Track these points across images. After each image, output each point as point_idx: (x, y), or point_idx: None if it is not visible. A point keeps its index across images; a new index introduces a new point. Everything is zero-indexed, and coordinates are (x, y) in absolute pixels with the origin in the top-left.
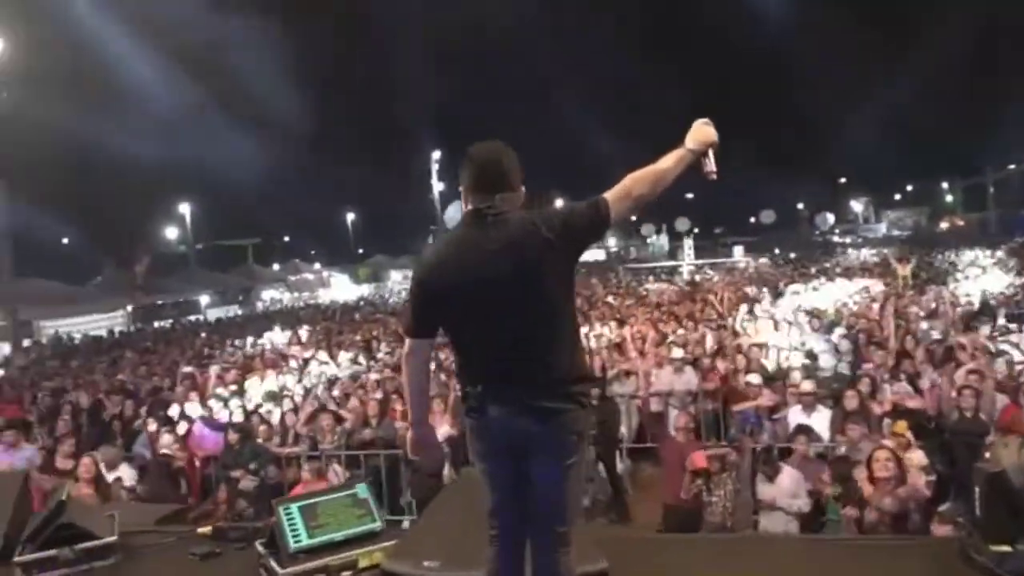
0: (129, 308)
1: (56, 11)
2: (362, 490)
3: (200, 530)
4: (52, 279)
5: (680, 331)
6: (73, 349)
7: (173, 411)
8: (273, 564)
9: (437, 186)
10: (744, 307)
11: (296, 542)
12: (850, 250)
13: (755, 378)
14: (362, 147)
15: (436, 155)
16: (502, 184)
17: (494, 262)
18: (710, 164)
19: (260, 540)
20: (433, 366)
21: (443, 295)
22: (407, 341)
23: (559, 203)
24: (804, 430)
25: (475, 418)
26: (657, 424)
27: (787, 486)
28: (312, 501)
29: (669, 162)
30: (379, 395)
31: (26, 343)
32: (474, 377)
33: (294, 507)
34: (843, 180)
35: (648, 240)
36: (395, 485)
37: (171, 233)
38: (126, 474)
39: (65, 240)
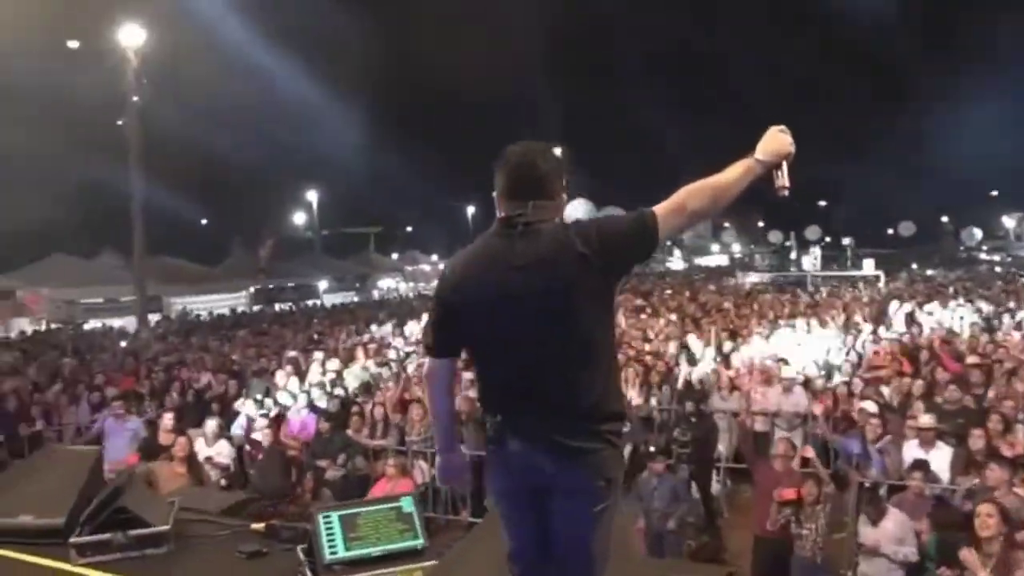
0: (252, 289)
1: (192, 3)
2: (407, 504)
3: (254, 526)
4: (188, 258)
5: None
6: (196, 326)
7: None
8: (308, 573)
9: None
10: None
11: (332, 553)
12: (998, 268)
13: (871, 406)
14: (484, 141)
15: (556, 151)
16: (537, 190)
17: (519, 279)
18: (782, 178)
19: (302, 546)
20: None
21: (462, 314)
22: (427, 360)
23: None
24: (921, 465)
25: (493, 451)
26: (759, 445)
27: (892, 531)
28: (354, 511)
29: (734, 174)
30: (472, 392)
31: (156, 318)
32: (494, 405)
33: (334, 516)
34: (994, 193)
35: (772, 247)
36: (481, 486)
37: (299, 219)
38: (224, 451)
39: (204, 221)
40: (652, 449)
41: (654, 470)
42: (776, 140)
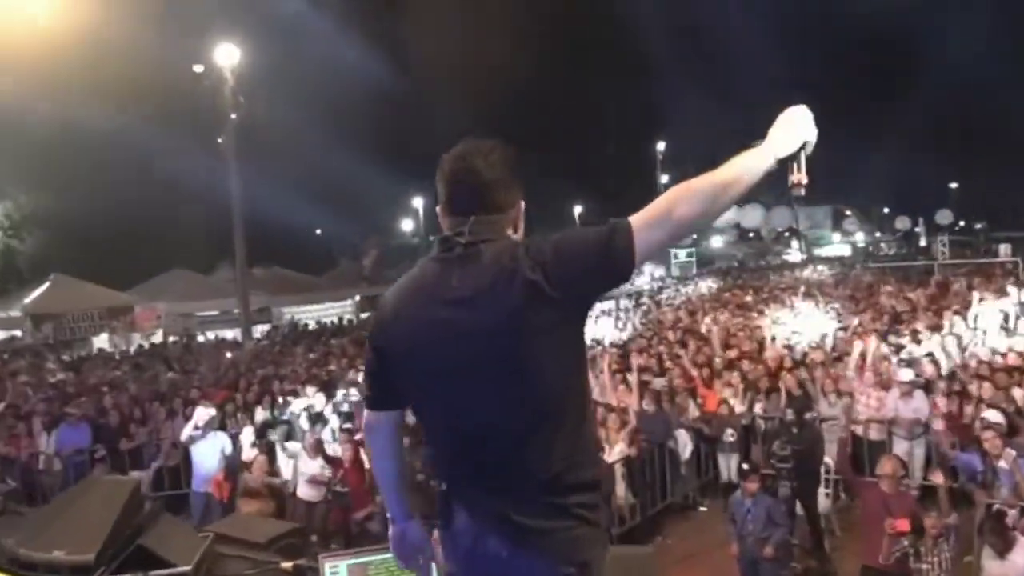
0: (357, 297)
1: (289, 19)
2: None
3: (284, 564)
4: (302, 269)
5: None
6: (302, 335)
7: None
8: None
9: (663, 179)
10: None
11: None
12: None
13: (995, 416)
14: (588, 139)
15: (660, 147)
16: (478, 201)
17: (455, 316)
18: (798, 172)
19: None
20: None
21: (393, 359)
22: (365, 414)
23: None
24: None
25: (441, 527)
26: (873, 456)
27: (1022, 565)
28: (363, 560)
29: (736, 169)
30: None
31: (264, 328)
32: (439, 471)
33: (342, 565)
34: None
35: (897, 234)
36: None
37: (407, 226)
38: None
39: (319, 231)
40: (745, 466)
41: (748, 490)
42: (793, 124)
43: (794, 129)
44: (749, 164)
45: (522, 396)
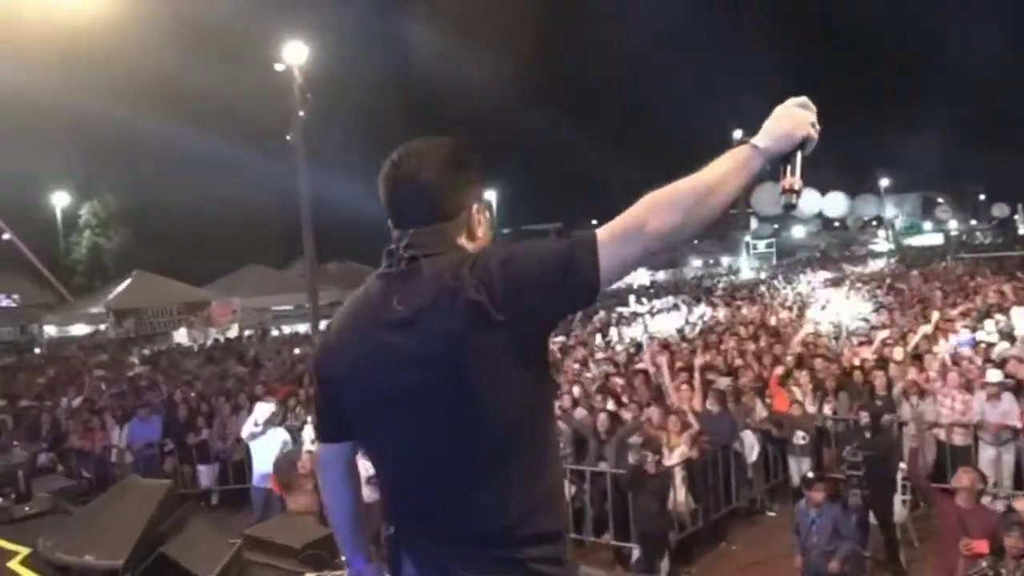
0: None
1: (355, 17)
2: None
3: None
4: (378, 263)
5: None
6: None
7: None
8: None
9: None
10: None
11: None
12: None
13: None
14: (662, 131)
15: (738, 135)
16: (417, 211)
17: (392, 342)
18: (791, 176)
19: None
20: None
21: (339, 387)
22: (316, 447)
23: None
24: None
25: (390, 574)
26: (958, 461)
27: None
28: None
29: (722, 170)
30: (611, 405)
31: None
32: (386, 513)
33: None
34: None
35: (993, 221)
36: (622, 508)
37: None
38: None
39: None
40: (810, 474)
41: (813, 499)
42: (790, 119)
43: (790, 124)
44: (736, 165)
45: (468, 431)
